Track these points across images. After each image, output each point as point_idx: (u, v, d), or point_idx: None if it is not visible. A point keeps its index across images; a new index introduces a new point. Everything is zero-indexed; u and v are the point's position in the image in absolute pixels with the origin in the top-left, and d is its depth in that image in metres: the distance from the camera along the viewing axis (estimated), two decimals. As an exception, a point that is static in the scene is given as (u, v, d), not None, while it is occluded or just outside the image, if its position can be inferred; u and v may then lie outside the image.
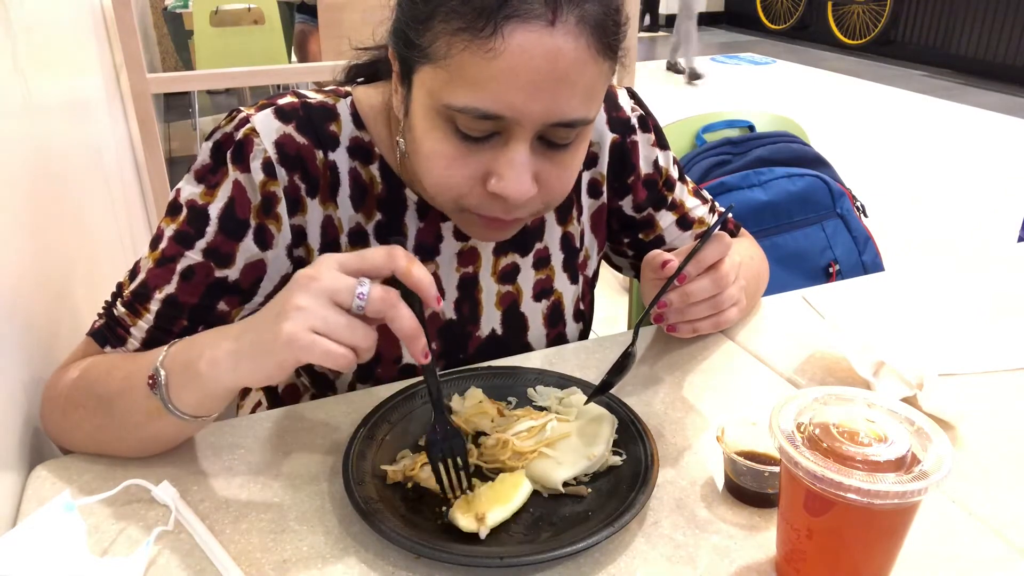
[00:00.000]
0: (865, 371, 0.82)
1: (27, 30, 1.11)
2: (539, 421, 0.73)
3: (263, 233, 0.77)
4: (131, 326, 0.76)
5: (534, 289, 0.91)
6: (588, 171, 0.92)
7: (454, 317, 0.88)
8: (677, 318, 0.79)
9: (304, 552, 0.63)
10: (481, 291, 0.89)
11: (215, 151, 0.76)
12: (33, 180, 0.99)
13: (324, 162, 0.79)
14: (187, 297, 0.76)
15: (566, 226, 0.92)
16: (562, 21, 0.61)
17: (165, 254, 0.76)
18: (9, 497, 0.68)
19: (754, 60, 7.10)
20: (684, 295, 0.76)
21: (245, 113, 0.77)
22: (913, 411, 0.57)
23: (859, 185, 1.92)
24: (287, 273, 0.81)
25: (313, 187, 0.79)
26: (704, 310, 0.78)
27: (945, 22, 6.94)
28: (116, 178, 1.86)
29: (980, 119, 5.43)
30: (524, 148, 0.66)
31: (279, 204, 0.77)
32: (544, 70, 0.61)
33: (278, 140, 0.76)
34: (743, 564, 0.62)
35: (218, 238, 0.76)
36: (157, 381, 0.65)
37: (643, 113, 0.93)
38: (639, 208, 0.95)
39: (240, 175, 0.75)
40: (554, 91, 0.63)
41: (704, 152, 1.57)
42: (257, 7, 4.11)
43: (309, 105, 0.79)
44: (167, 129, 4.97)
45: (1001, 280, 1.11)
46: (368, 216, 0.82)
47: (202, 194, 0.76)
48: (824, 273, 1.51)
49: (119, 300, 0.77)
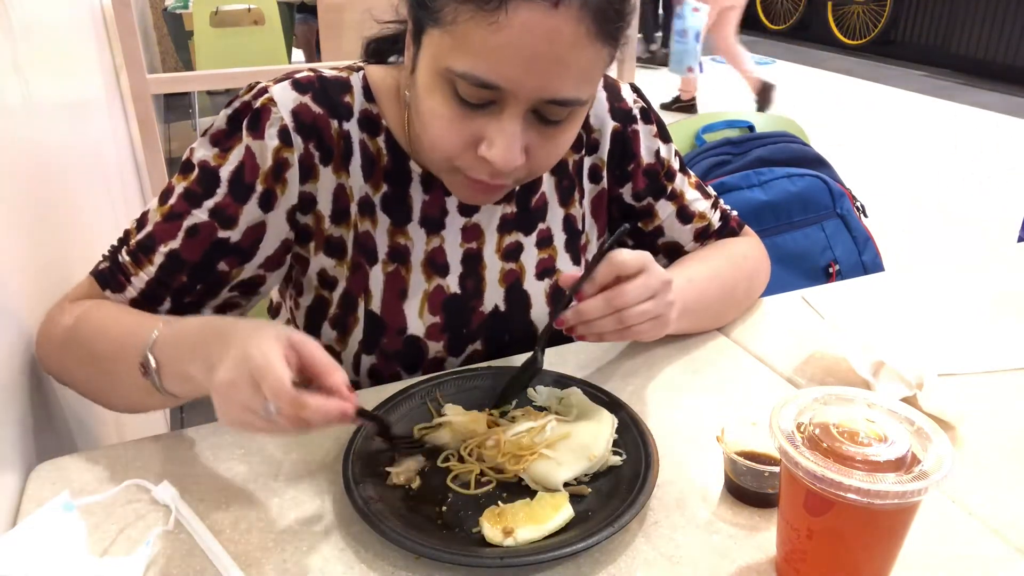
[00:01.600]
0: (865, 371, 0.82)
1: (27, 30, 1.11)
2: (539, 422, 0.73)
3: (268, 196, 0.79)
4: (133, 275, 0.79)
5: (537, 268, 0.92)
6: (589, 156, 0.93)
7: (458, 291, 0.89)
8: (583, 331, 0.77)
9: (304, 552, 0.63)
10: (485, 267, 0.90)
11: (232, 118, 0.79)
12: (33, 180, 0.99)
13: (339, 131, 0.82)
14: (189, 254, 0.78)
15: (568, 208, 0.93)
16: (565, 4, 0.63)
17: (174, 210, 0.78)
18: (9, 497, 0.68)
19: (754, 60, 7.09)
20: (578, 313, 0.76)
21: (264, 84, 0.80)
22: (913, 411, 0.57)
23: (859, 185, 1.92)
24: (287, 238, 0.83)
25: (327, 155, 0.81)
26: (607, 325, 0.76)
27: (945, 22, 6.93)
28: (116, 178, 1.86)
29: (980, 119, 5.42)
30: (517, 120, 0.69)
31: (289, 170, 0.79)
32: (542, 48, 0.64)
33: (295, 109, 0.79)
34: (743, 564, 0.62)
35: (226, 199, 0.78)
36: (148, 369, 0.68)
37: (645, 106, 0.95)
38: (639, 197, 0.96)
39: (252, 141, 0.78)
40: (550, 69, 0.66)
41: (704, 152, 1.57)
42: (257, 7, 4.11)
43: (325, 78, 0.82)
44: (167, 129, 4.97)
45: (1001, 280, 1.11)
46: (375, 187, 0.85)
47: (215, 156, 0.79)
48: (824, 273, 1.51)
49: (125, 247, 0.80)
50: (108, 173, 1.75)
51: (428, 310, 0.88)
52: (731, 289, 0.97)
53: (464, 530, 0.64)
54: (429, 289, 0.88)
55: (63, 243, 1.09)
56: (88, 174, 1.45)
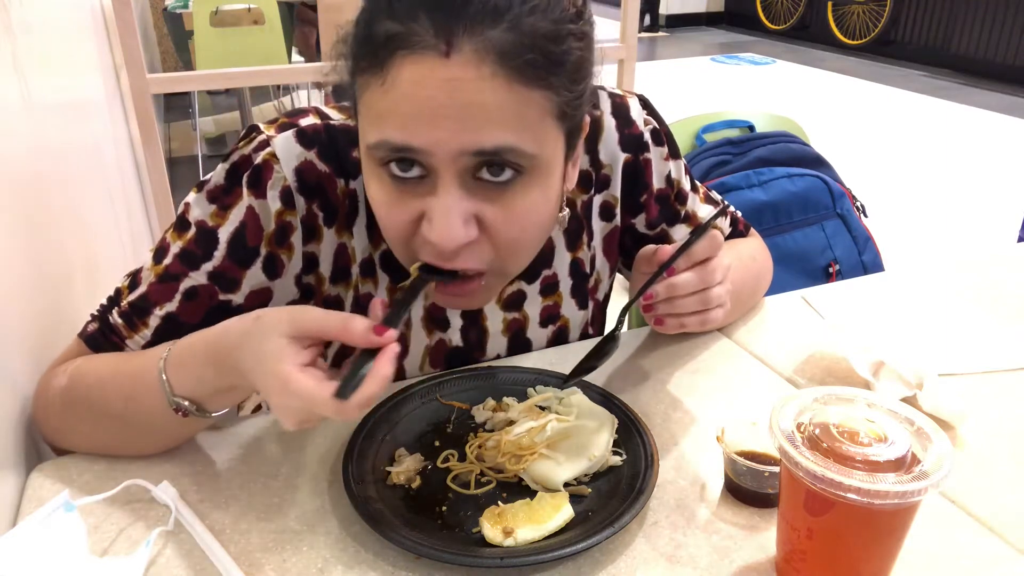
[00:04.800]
0: (865, 371, 0.82)
1: (27, 30, 1.11)
2: (539, 421, 0.73)
3: (273, 262, 0.76)
4: (127, 338, 0.75)
5: (541, 315, 0.91)
6: (600, 194, 0.89)
7: (460, 344, 0.88)
8: (665, 310, 0.77)
9: (304, 552, 0.63)
10: (486, 319, 0.88)
11: (231, 173, 0.74)
12: (33, 180, 0.99)
13: (344, 191, 0.77)
14: (188, 317, 0.75)
15: (576, 252, 0.90)
16: (457, 51, 0.58)
17: (169, 271, 0.75)
18: (9, 497, 0.68)
19: (754, 60, 7.10)
20: (671, 287, 0.75)
21: (265, 135, 0.74)
22: (913, 411, 0.57)
23: (859, 185, 1.92)
24: (293, 300, 0.80)
25: (331, 216, 0.77)
26: (692, 304, 0.76)
27: (945, 22, 6.93)
28: (116, 178, 1.86)
29: (980, 119, 5.42)
30: (451, 188, 0.62)
31: (294, 233, 0.76)
32: (440, 99, 0.58)
33: (299, 167, 0.74)
34: (743, 564, 0.62)
35: (225, 263, 0.74)
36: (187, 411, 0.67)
37: (656, 126, 0.90)
38: (652, 225, 0.93)
39: (255, 201, 0.74)
40: (459, 118, 0.59)
41: (704, 152, 1.57)
42: (257, 7, 4.11)
43: (333, 128, 0.77)
44: (167, 129, 4.96)
45: (1001, 280, 1.11)
46: (376, 246, 0.81)
47: (213, 215, 0.74)
48: (824, 273, 1.51)
49: (116, 308, 0.76)
50: (108, 173, 1.75)
51: (429, 364, 0.87)
52: (738, 290, 0.97)
53: (464, 530, 0.64)
54: (431, 344, 0.86)
55: (63, 243, 1.09)
56: (88, 174, 1.45)
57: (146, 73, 1.76)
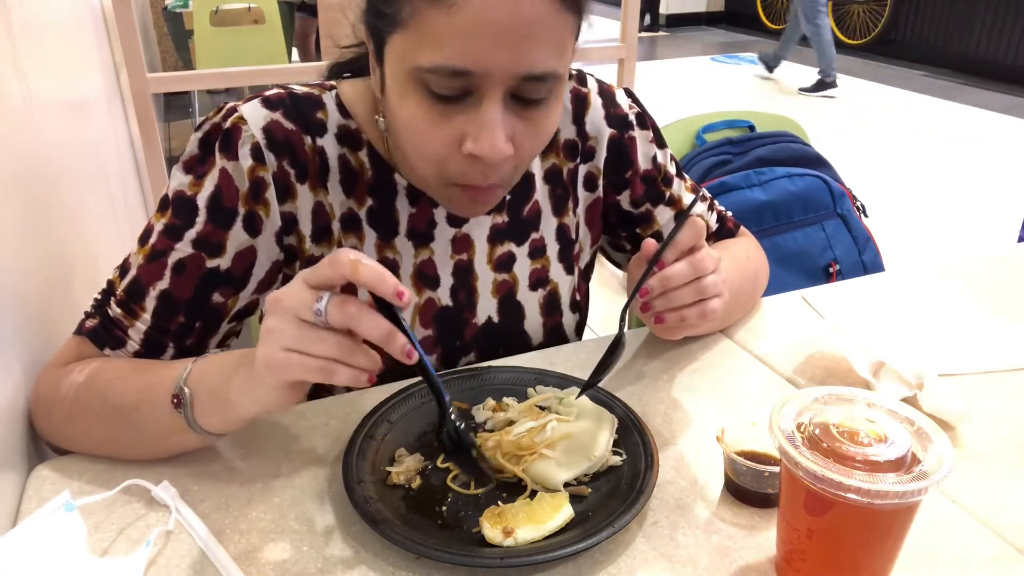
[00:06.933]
0: (865, 371, 0.82)
1: (27, 30, 1.11)
2: (539, 421, 0.73)
3: (252, 220, 0.78)
4: (128, 327, 0.76)
5: (530, 278, 0.92)
6: (585, 164, 0.93)
7: (450, 304, 0.88)
8: (663, 305, 0.77)
9: (304, 552, 0.63)
10: (477, 279, 0.89)
11: (203, 141, 0.77)
12: (33, 180, 0.99)
13: (312, 147, 0.80)
14: (181, 291, 0.76)
15: (562, 217, 0.93)
16: None
17: (155, 248, 0.76)
18: (9, 497, 0.68)
19: (754, 60, 7.09)
20: (664, 279, 0.75)
21: (232, 104, 0.78)
22: (913, 411, 0.57)
23: (859, 185, 1.92)
24: (277, 260, 0.81)
25: (302, 172, 0.80)
26: (687, 295, 0.76)
27: (945, 22, 6.93)
28: (116, 178, 1.86)
29: (980, 119, 5.42)
30: (497, 106, 0.66)
31: (267, 189, 0.78)
32: (505, 21, 0.62)
33: (266, 126, 0.77)
34: (743, 564, 0.62)
35: (207, 227, 0.76)
36: (183, 401, 0.66)
37: (640, 111, 0.94)
38: (636, 203, 0.95)
39: (227, 163, 0.76)
40: (518, 42, 0.64)
41: (704, 152, 1.57)
42: (257, 7, 4.12)
43: (296, 95, 0.80)
44: (167, 129, 4.97)
45: (1001, 280, 1.11)
46: (360, 202, 0.83)
47: (190, 184, 0.76)
48: (824, 273, 1.51)
49: (112, 299, 0.77)
50: (108, 172, 1.75)
51: (419, 323, 0.87)
52: (737, 291, 0.97)
53: (464, 530, 0.64)
54: (420, 302, 0.87)
55: (63, 243, 1.09)
56: (88, 173, 1.45)
57: (146, 73, 1.76)
